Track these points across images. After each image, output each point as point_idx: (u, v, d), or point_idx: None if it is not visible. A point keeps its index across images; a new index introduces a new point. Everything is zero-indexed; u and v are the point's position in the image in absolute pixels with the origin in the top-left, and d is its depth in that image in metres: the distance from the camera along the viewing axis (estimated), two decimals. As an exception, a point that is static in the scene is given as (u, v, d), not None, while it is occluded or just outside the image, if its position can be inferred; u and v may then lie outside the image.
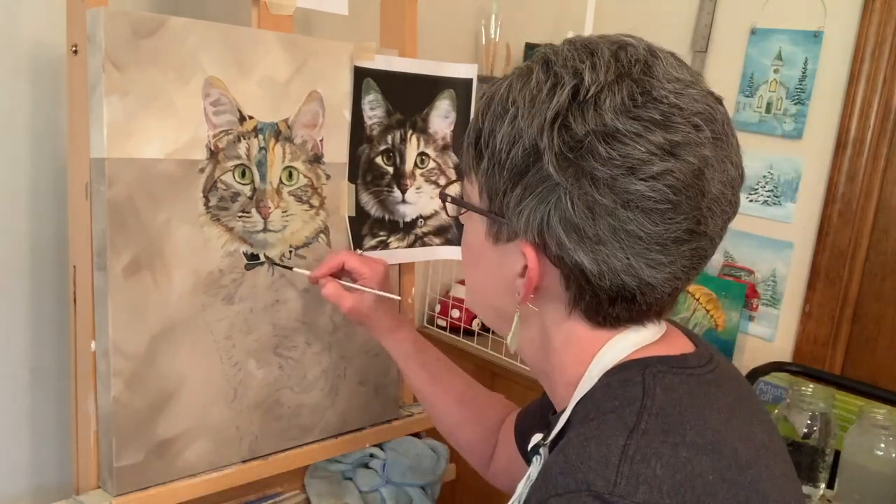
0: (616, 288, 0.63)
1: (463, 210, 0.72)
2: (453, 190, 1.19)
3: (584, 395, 0.66)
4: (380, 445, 1.25)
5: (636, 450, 0.57)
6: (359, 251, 1.14)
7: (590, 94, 0.60)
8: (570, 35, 0.68)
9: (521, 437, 0.91)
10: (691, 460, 0.57)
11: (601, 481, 0.55)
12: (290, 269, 1.08)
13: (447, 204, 0.77)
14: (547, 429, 0.71)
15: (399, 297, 1.06)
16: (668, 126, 0.59)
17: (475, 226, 0.71)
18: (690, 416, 0.61)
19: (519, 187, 0.63)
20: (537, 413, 0.90)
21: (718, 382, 0.67)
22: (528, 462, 0.73)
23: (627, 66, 0.61)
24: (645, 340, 0.67)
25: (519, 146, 0.62)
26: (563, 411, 0.68)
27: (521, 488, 0.70)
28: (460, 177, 0.77)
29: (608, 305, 0.64)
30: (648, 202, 0.59)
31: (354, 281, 1.04)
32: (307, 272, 1.06)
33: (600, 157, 0.59)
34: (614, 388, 0.64)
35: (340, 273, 1.05)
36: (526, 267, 0.65)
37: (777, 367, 1.59)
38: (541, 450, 0.70)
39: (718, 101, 0.64)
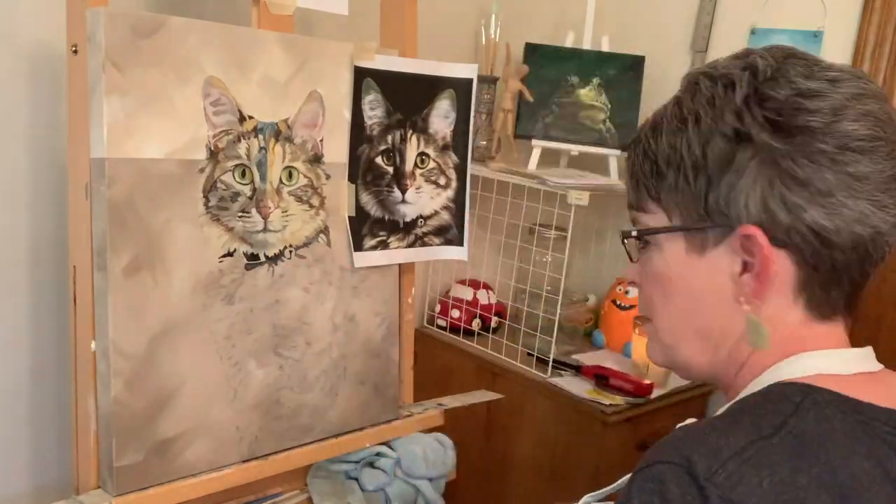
0: (852, 242, 0.62)
1: (636, 237, 0.71)
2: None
3: (743, 397, 0.65)
4: (387, 444, 1.25)
5: (754, 454, 0.55)
6: None
7: (770, 73, 0.64)
8: (571, 35, 0.69)
9: None
10: (807, 490, 0.54)
11: (702, 465, 0.55)
12: None
13: (628, 240, 0.73)
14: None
15: None
16: (847, 82, 0.63)
17: (668, 251, 0.69)
18: (833, 455, 0.56)
19: (729, 175, 0.63)
20: None
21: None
22: None
23: (784, 51, 0.66)
24: (838, 369, 0.64)
25: (715, 140, 0.64)
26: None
27: None
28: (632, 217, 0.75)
29: (845, 273, 0.64)
30: (863, 141, 0.61)
31: None
32: None
33: (809, 110, 0.62)
34: (771, 397, 0.62)
35: None
36: (745, 264, 0.64)
37: (777, 367, 1.59)
38: None
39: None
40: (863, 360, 0.67)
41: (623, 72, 1.78)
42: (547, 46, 1.80)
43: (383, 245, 1.20)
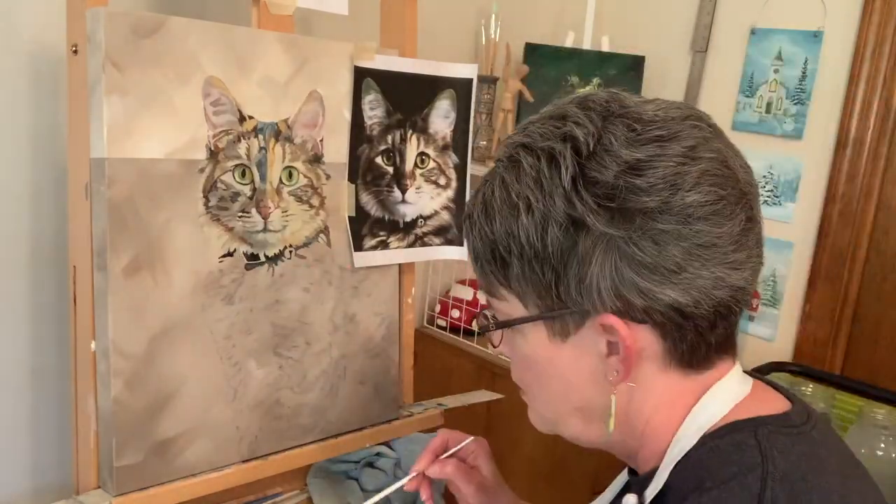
0: (713, 308, 0.61)
1: (494, 328, 0.68)
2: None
3: (686, 458, 0.62)
4: (387, 444, 1.25)
5: None
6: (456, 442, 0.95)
7: (592, 146, 0.60)
8: (571, 35, 0.66)
9: None
10: None
11: None
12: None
13: (492, 333, 0.70)
14: (637, 489, 0.67)
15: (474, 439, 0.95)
16: (676, 136, 0.60)
17: (532, 337, 0.66)
18: (813, 481, 0.58)
19: (573, 265, 0.60)
20: None
21: (823, 441, 0.64)
22: None
23: (603, 108, 0.62)
24: (739, 394, 0.64)
25: (551, 228, 0.60)
26: (651, 471, 0.65)
27: None
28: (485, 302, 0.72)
29: (710, 332, 0.62)
30: (706, 207, 0.59)
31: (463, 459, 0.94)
32: (409, 476, 0.90)
33: (642, 189, 0.58)
34: (728, 453, 0.60)
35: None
36: (609, 344, 0.62)
37: (777, 367, 1.59)
38: None
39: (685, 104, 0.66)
40: (740, 373, 0.67)
41: (623, 72, 1.78)
42: (547, 46, 1.80)
43: (383, 245, 1.20)
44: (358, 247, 1.16)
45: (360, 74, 1.13)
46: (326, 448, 1.17)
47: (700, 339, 0.62)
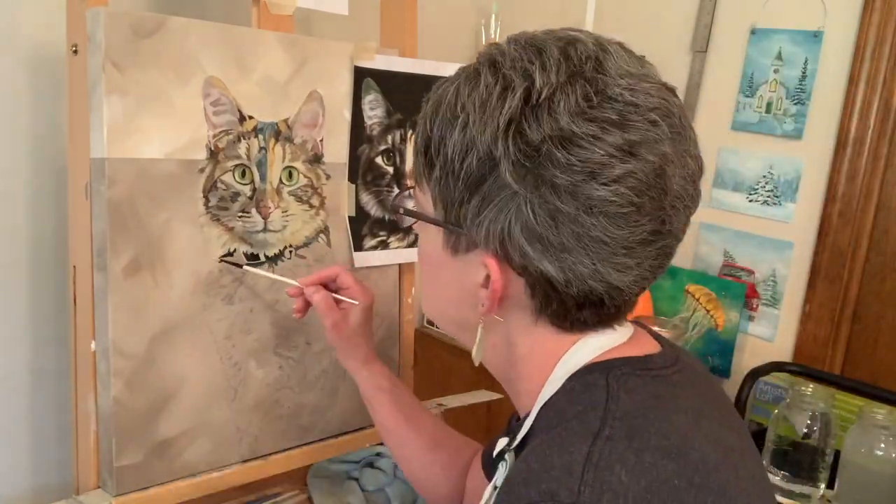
0: (583, 294, 0.62)
1: (402, 213, 0.71)
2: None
3: (548, 401, 0.65)
4: (384, 444, 1.25)
5: (600, 457, 0.55)
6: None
7: (542, 98, 0.58)
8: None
9: (489, 467, 0.86)
10: (656, 465, 0.55)
11: (565, 491, 0.53)
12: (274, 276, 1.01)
13: (401, 214, 0.74)
14: (512, 435, 0.70)
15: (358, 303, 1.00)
16: (626, 125, 0.58)
17: (432, 236, 0.68)
18: (655, 420, 0.59)
19: (476, 197, 0.61)
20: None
21: (685, 384, 0.66)
22: (495, 470, 0.71)
23: (579, 64, 0.59)
24: (611, 343, 0.66)
25: (473, 155, 0.60)
26: (526, 416, 0.67)
27: (487, 496, 0.69)
28: (413, 184, 0.75)
29: (576, 311, 0.64)
30: (612, 206, 0.58)
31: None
32: (291, 281, 1.00)
33: (559, 164, 0.57)
34: (578, 393, 0.62)
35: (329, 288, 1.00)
36: (488, 277, 0.63)
37: (777, 367, 1.59)
38: (506, 455, 0.69)
39: (672, 91, 0.63)
40: (624, 329, 0.68)
41: (623, 72, 1.78)
42: (547, 46, 1.79)
43: (383, 245, 1.20)
44: (358, 247, 1.16)
45: (360, 74, 1.13)
46: (326, 448, 1.17)
47: (565, 312, 0.64)
